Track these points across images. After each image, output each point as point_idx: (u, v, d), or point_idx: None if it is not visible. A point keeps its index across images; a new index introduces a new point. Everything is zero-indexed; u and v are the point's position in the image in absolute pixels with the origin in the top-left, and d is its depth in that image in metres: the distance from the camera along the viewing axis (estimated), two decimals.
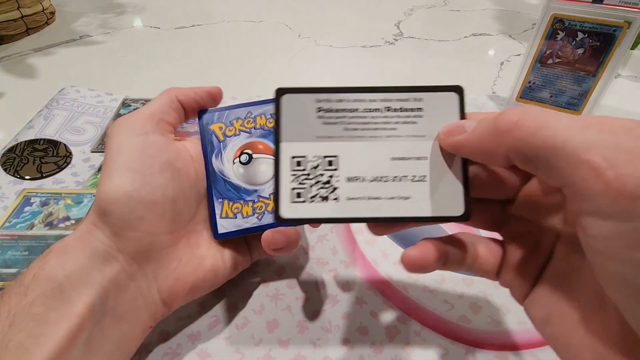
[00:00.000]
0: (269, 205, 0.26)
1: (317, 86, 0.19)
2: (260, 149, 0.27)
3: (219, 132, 0.27)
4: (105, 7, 0.82)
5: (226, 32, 0.74)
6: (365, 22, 0.80)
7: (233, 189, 0.26)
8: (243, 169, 0.27)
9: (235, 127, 0.27)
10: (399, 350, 0.26)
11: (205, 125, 0.27)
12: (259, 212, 0.26)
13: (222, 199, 0.26)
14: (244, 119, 0.27)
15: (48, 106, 0.48)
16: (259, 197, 0.26)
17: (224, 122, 0.27)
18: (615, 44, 0.41)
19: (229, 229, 0.26)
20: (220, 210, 0.26)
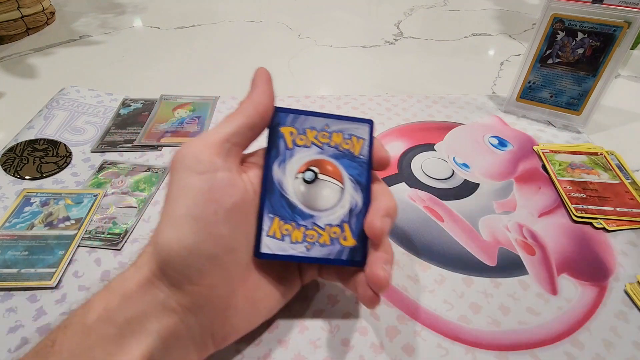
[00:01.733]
0: (321, 237, 0.23)
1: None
2: (328, 171, 0.24)
3: (289, 138, 0.24)
4: (105, 7, 0.82)
5: (226, 32, 0.74)
6: (365, 22, 0.80)
7: (288, 207, 0.23)
8: (304, 188, 0.24)
9: (308, 138, 0.24)
10: (399, 350, 0.26)
11: (275, 125, 0.24)
12: (310, 242, 0.23)
13: (273, 214, 0.23)
14: (319, 131, 0.24)
15: (48, 106, 0.48)
16: (313, 225, 0.23)
17: (297, 128, 0.24)
18: (615, 44, 0.41)
19: (273, 251, 0.23)
20: (269, 227, 0.23)
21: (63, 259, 0.31)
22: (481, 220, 0.35)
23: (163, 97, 0.51)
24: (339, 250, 0.23)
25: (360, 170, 0.24)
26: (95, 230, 0.34)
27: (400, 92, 0.55)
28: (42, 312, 0.28)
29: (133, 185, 0.38)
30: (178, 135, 0.45)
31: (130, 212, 0.36)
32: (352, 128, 0.25)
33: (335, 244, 0.23)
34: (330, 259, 0.23)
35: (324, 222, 0.24)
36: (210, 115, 0.48)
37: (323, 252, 0.23)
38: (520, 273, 0.31)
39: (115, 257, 0.32)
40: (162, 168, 0.40)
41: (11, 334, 0.27)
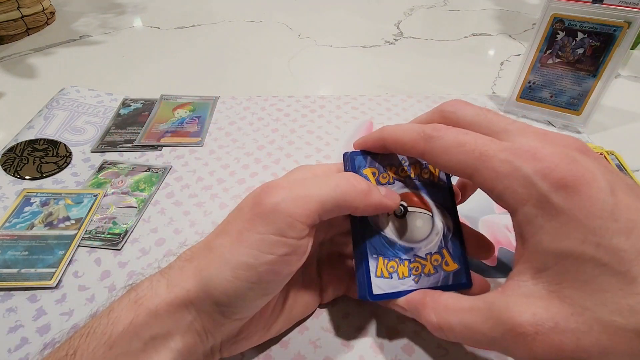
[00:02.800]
0: (425, 267, 0.24)
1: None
2: (415, 202, 0.24)
3: (372, 179, 0.24)
4: (105, 7, 0.82)
5: (226, 32, 0.74)
6: (365, 22, 0.80)
7: (389, 245, 0.23)
8: (398, 223, 0.24)
9: (389, 174, 0.24)
10: (399, 350, 0.26)
11: (357, 169, 0.24)
12: (416, 274, 0.23)
13: (377, 255, 0.23)
14: (398, 166, 0.24)
15: (48, 106, 0.48)
16: (415, 257, 0.24)
17: (377, 167, 0.24)
18: (615, 44, 0.41)
19: (385, 290, 0.23)
20: (375, 268, 0.23)
21: (63, 259, 0.31)
22: (481, 220, 0.35)
23: (163, 97, 0.51)
24: (445, 276, 0.24)
25: (443, 195, 0.25)
26: (95, 230, 0.34)
27: (400, 92, 0.55)
28: (42, 312, 0.28)
29: (133, 185, 0.38)
30: (178, 135, 0.45)
31: (130, 212, 0.36)
32: None
33: (439, 271, 0.24)
34: (438, 287, 0.23)
35: (424, 252, 0.24)
36: (210, 115, 0.48)
37: (430, 281, 0.24)
38: None
39: (115, 257, 0.32)
40: (162, 168, 0.40)
41: (11, 334, 0.27)
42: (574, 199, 0.16)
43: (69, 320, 0.28)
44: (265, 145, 0.44)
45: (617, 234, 0.15)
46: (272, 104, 0.51)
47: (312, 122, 0.48)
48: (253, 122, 0.48)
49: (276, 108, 0.50)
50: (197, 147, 0.43)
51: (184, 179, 0.40)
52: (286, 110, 0.50)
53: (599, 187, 0.16)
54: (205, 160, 0.42)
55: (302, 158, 0.42)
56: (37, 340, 0.26)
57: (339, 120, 0.48)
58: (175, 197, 0.37)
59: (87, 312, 0.28)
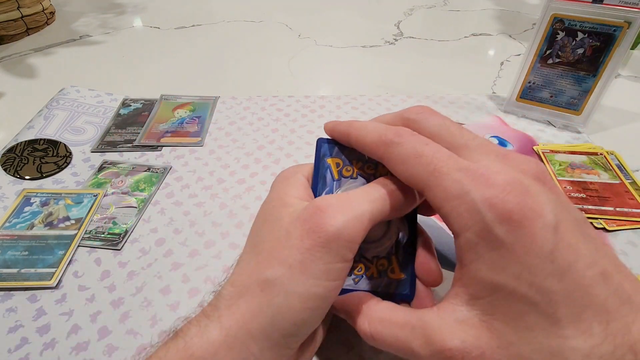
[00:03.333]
0: (369, 270, 0.23)
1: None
2: None
3: (335, 169, 0.23)
4: (105, 7, 0.82)
5: (226, 32, 0.74)
6: (365, 22, 0.80)
7: None
8: None
9: (354, 169, 0.23)
10: None
11: (322, 156, 0.23)
12: (357, 275, 0.23)
13: None
14: (365, 162, 0.23)
15: (48, 106, 0.48)
16: (360, 257, 0.23)
17: (343, 159, 0.23)
18: (615, 44, 0.41)
19: None
20: None
21: (63, 259, 0.31)
22: None
23: (163, 97, 0.51)
24: (387, 283, 0.23)
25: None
26: (95, 230, 0.34)
27: (400, 92, 0.55)
28: (42, 312, 0.28)
29: (133, 185, 0.38)
30: (178, 135, 0.45)
31: (130, 212, 0.36)
32: None
33: (383, 276, 0.23)
34: (378, 292, 0.23)
35: (372, 254, 0.23)
36: (210, 115, 0.48)
37: (370, 285, 0.23)
38: None
39: (115, 257, 0.32)
40: (162, 168, 0.40)
41: (11, 334, 0.27)
42: (516, 234, 0.16)
43: (69, 320, 0.28)
44: (265, 145, 0.44)
45: (551, 275, 0.15)
46: (272, 104, 0.51)
47: (312, 122, 0.48)
48: (253, 122, 0.48)
49: (276, 108, 0.50)
50: (197, 147, 0.43)
51: (184, 179, 0.40)
52: (286, 110, 0.50)
53: (544, 224, 0.15)
54: (205, 160, 0.42)
55: (302, 158, 0.42)
56: (37, 340, 0.26)
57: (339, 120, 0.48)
58: (175, 197, 0.37)
59: (87, 312, 0.28)
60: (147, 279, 0.30)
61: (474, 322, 0.17)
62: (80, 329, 0.27)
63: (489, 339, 0.16)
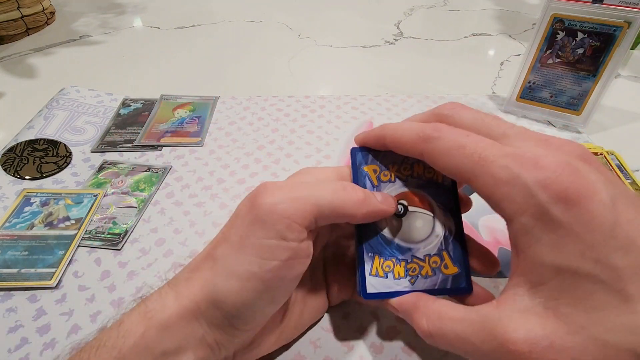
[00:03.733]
0: (423, 269, 0.23)
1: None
2: (416, 202, 0.23)
3: (373, 176, 0.23)
4: (105, 7, 0.82)
5: (226, 32, 0.74)
6: (365, 22, 0.80)
7: (386, 244, 0.23)
8: (397, 222, 0.23)
9: (391, 172, 0.24)
10: (399, 350, 0.26)
11: (358, 165, 0.24)
12: (412, 275, 0.23)
13: (373, 253, 0.23)
14: (400, 164, 0.24)
15: (48, 106, 0.48)
16: (412, 257, 0.23)
17: (379, 165, 0.24)
18: (615, 44, 0.41)
19: (379, 289, 0.23)
20: (371, 267, 0.23)
21: (63, 259, 0.31)
22: (481, 220, 0.35)
23: (163, 97, 0.51)
24: (443, 279, 0.23)
25: (447, 196, 0.24)
26: (95, 230, 0.34)
27: (400, 92, 0.55)
28: (42, 312, 0.28)
29: (133, 185, 0.38)
30: (178, 135, 0.45)
31: (130, 212, 0.36)
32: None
33: (438, 273, 0.23)
34: (436, 290, 0.23)
35: (423, 253, 0.23)
36: (210, 115, 0.48)
37: (427, 284, 0.23)
38: None
39: (115, 257, 0.32)
40: (162, 168, 0.40)
41: (11, 334, 0.27)
42: (573, 213, 0.15)
43: (69, 320, 0.28)
44: (265, 145, 0.44)
45: (616, 250, 0.15)
46: (272, 104, 0.51)
47: (312, 122, 0.48)
48: (253, 122, 0.48)
49: (276, 108, 0.50)
50: (197, 147, 0.43)
51: (184, 179, 0.40)
52: (286, 110, 0.50)
53: (600, 200, 0.15)
54: (205, 160, 0.42)
55: (302, 158, 0.42)
56: (37, 340, 0.26)
57: (339, 120, 0.48)
58: (175, 197, 0.37)
59: (87, 312, 0.28)
60: (147, 279, 0.30)
61: (538, 311, 0.16)
62: (80, 329, 0.27)
63: (556, 326, 0.16)
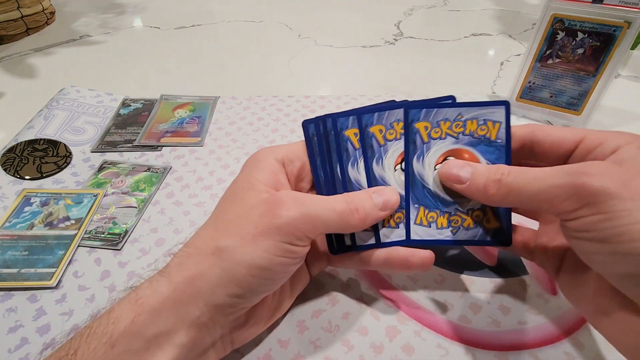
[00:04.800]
0: (465, 221, 0.25)
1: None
2: (465, 158, 0.24)
3: (424, 133, 0.25)
4: (105, 7, 0.82)
5: (226, 32, 0.74)
6: (365, 22, 0.80)
7: (431, 197, 0.25)
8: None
9: (442, 130, 0.25)
10: (399, 350, 0.26)
11: (410, 122, 0.25)
12: (455, 226, 0.25)
13: (418, 204, 0.25)
14: (453, 122, 0.24)
15: (48, 106, 0.48)
16: (456, 210, 0.25)
17: (431, 122, 0.25)
18: (615, 44, 0.41)
19: (422, 237, 0.25)
20: (416, 217, 0.25)
21: (63, 259, 0.31)
22: None
23: (163, 97, 0.51)
24: (483, 232, 0.25)
25: (498, 154, 0.24)
26: (95, 230, 0.34)
27: (400, 92, 0.55)
28: (42, 312, 0.28)
29: (133, 185, 0.38)
30: (178, 135, 0.45)
31: (130, 212, 0.36)
32: (487, 113, 0.24)
33: (479, 227, 0.25)
34: (475, 241, 0.25)
35: (466, 207, 0.25)
36: (210, 115, 0.48)
37: (468, 235, 0.25)
38: (520, 273, 0.31)
39: (115, 257, 0.32)
40: (162, 168, 0.40)
41: (11, 334, 0.27)
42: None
43: (69, 320, 0.28)
44: (265, 145, 0.44)
45: None
46: (272, 104, 0.51)
47: None
48: (253, 122, 0.48)
49: (276, 108, 0.50)
50: (197, 147, 0.43)
51: (184, 179, 0.40)
52: (286, 110, 0.50)
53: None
54: (205, 160, 0.42)
55: None
56: (37, 340, 0.26)
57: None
58: (175, 197, 0.37)
59: (87, 312, 0.28)
60: None
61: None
62: (81, 329, 0.27)
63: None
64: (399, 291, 0.30)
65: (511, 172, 0.21)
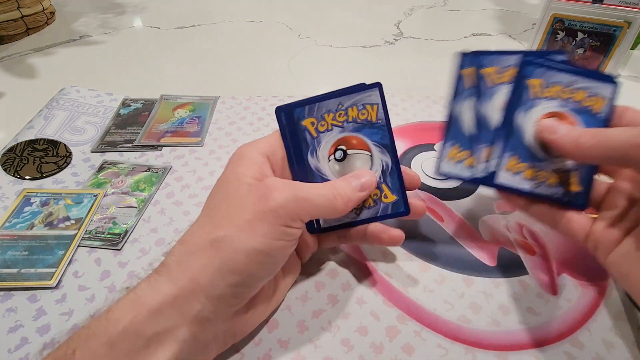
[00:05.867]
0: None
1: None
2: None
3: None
4: (105, 7, 0.82)
5: (226, 32, 0.74)
6: (365, 22, 0.80)
7: (526, 149, 0.26)
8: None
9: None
10: (399, 350, 0.26)
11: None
12: (538, 182, 0.26)
13: (513, 153, 0.27)
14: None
15: (48, 106, 0.48)
16: (546, 167, 0.26)
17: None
18: (615, 44, 0.42)
19: (506, 183, 0.27)
20: (506, 163, 0.27)
21: (63, 259, 0.31)
22: (481, 220, 0.35)
23: (163, 97, 0.51)
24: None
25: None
26: (95, 230, 0.34)
27: (400, 92, 0.55)
28: (42, 312, 0.28)
29: (133, 185, 0.38)
30: (178, 135, 0.45)
31: (130, 212, 0.36)
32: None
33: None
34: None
35: (556, 166, 0.26)
36: (210, 115, 0.48)
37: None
38: (520, 273, 0.31)
39: (115, 257, 0.32)
40: (162, 168, 0.40)
41: (11, 334, 0.27)
42: None
43: (69, 320, 0.28)
44: None
45: None
46: (272, 104, 0.51)
47: None
48: (253, 122, 0.48)
49: None
50: (197, 147, 0.43)
51: (184, 179, 0.40)
52: None
53: None
54: (205, 160, 0.42)
55: None
56: (37, 340, 0.26)
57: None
58: (175, 197, 0.38)
59: (87, 312, 0.28)
60: None
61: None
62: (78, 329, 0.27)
63: None
64: (399, 291, 0.30)
65: (603, 129, 0.23)
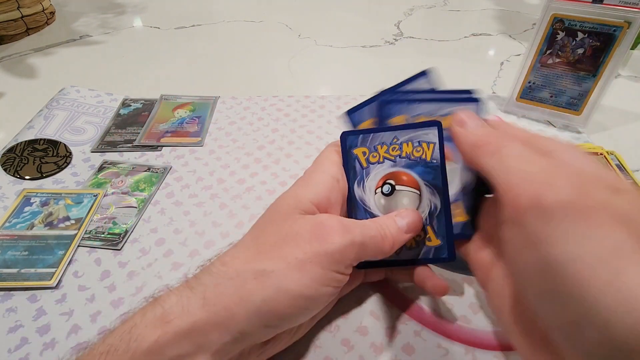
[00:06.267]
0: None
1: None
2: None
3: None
4: (105, 7, 0.82)
5: (226, 32, 0.74)
6: (365, 22, 0.80)
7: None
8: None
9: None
10: (399, 350, 0.26)
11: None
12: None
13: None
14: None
15: (48, 106, 0.48)
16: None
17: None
18: (615, 44, 0.41)
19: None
20: None
21: (63, 259, 0.31)
22: None
23: (163, 97, 0.51)
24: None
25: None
26: (95, 230, 0.34)
27: None
28: (42, 312, 0.28)
29: (133, 185, 0.38)
30: (178, 135, 0.45)
31: (130, 212, 0.36)
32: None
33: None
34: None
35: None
36: (210, 115, 0.48)
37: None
38: None
39: (115, 257, 0.32)
40: (162, 168, 0.40)
41: (11, 334, 0.27)
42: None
43: (69, 320, 0.28)
44: (265, 145, 0.44)
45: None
46: (272, 104, 0.51)
47: (312, 122, 0.48)
48: (253, 122, 0.48)
49: (276, 108, 0.50)
50: (197, 147, 0.43)
51: (184, 179, 0.40)
52: (286, 110, 0.50)
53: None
54: (205, 160, 0.42)
55: (302, 158, 0.42)
56: (37, 340, 0.26)
57: (339, 120, 0.48)
58: (175, 197, 0.37)
59: (87, 312, 0.28)
60: (147, 279, 0.30)
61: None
62: (80, 329, 0.27)
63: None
64: (399, 291, 0.30)
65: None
